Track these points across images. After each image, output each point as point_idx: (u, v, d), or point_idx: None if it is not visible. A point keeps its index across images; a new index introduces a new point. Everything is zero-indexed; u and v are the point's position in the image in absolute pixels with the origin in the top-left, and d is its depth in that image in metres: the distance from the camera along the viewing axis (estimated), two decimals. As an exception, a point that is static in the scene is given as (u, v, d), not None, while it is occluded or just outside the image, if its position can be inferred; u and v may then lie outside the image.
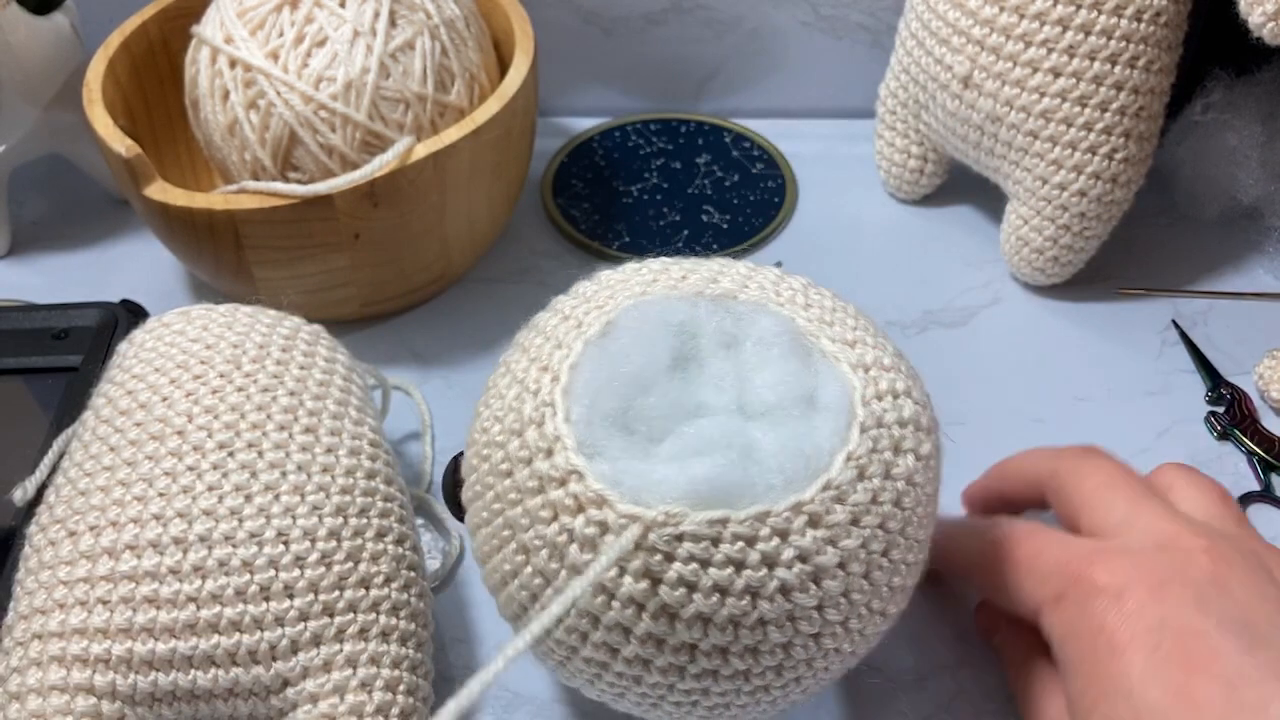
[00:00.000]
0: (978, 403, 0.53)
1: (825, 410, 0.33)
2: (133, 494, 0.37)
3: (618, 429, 0.33)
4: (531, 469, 0.33)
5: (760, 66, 0.70)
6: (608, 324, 0.35)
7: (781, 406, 0.33)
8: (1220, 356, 0.55)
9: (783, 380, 0.33)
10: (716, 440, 0.32)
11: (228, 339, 0.42)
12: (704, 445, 0.32)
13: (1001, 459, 0.45)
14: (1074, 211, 0.55)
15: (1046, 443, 0.44)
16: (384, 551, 0.39)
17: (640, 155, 0.68)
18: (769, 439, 0.32)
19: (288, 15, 0.52)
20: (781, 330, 0.34)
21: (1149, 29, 0.51)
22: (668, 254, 0.61)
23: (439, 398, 0.54)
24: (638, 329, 0.34)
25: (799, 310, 0.36)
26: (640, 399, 0.33)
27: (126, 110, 0.58)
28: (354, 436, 0.41)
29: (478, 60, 0.56)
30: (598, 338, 0.35)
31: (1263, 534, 0.48)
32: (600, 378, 0.33)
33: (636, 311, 0.35)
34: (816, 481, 0.31)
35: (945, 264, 0.61)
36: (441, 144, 0.51)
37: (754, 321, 0.35)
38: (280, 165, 0.52)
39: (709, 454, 0.31)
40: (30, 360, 0.50)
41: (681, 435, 0.32)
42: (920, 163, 0.63)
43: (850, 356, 0.35)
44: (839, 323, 0.36)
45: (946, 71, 0.56)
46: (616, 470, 0.32)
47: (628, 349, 0.34)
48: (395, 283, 0.56)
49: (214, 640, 0.35)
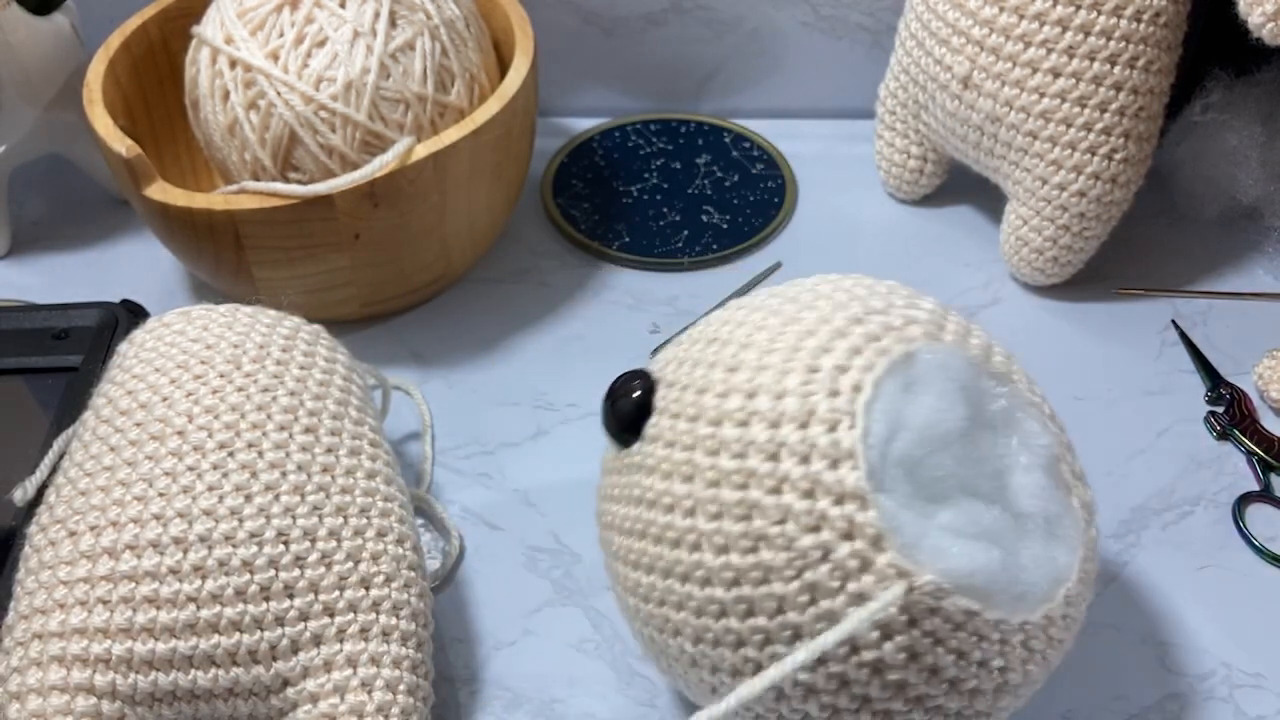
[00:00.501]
0: (977, 403, 0.53)
1: (1063, 542, 0.34)
2: (133, 494, 0.37)
3: (905, 475, 0.32)
4: (808, 469, 0.31)
5: (760, 66, 0.70)
6: (909, 354, 0.33)
7: (1033, 519, 0.34)
8: (1220, 356, 0.55)
9: (1041, 495, 0.34)
10: (992, 532, 0.32)
11: (228, 339, 0.42)
12: (982, 532, 0.32)
13: None
14: (1073, 212, 0.55)
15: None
16: (384, 551, 0.39)
17: (640, 155, 0.68)
18: (1026, 551, 0.33)
19: (288, 15, 0.52)
20: (1048, 444, 0.35)
21: (1148, 29, 0.51)
22: (668, 254, 0.61)
23: (439, 398, 0.54)
24: (943, 381, 0.33)
25: (1050, 424, 0.36)
26: (933, 457, 0.32)
27: (126, 110, 0.58)
28: (354, 436, 0.41)
29: (478, 60, 0.56)
30: (901, 365, 0.33)
31: (1263, 533, 0.48)
32: (903, 416, 0.32)
33: (941, 361, 0.33)
34: (1044, 607, 0.33)
35: (945, 264, 0.61)
36: (441, 144, 0.51)
37: (1024, 421, 0.35)
38: (280, 165, 0.52)
39: (985, 543, 0.32)
40: (30, 360, 0.50)
41: (964, 510, 0.32)
42: (920, 163, 0.63)
43: (1080, 493, 0.36)
44: (1071, 452, 0.37)
45: (946, 72, 0.56)
46: (897, 516, 0.31)
47: (938, 404, 0.33)
48: (395, 283, 0.56)
49: (214, 640, 0.35)
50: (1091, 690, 0.44)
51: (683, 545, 0.34)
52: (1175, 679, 0.44)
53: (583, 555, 0.48)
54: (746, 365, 0.34)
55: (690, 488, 0.33)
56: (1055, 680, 0.44)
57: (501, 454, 0.52)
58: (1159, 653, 0.45)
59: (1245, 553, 0.48)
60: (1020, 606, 0.32)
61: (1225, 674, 0.44)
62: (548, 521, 0.50)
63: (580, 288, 0.60)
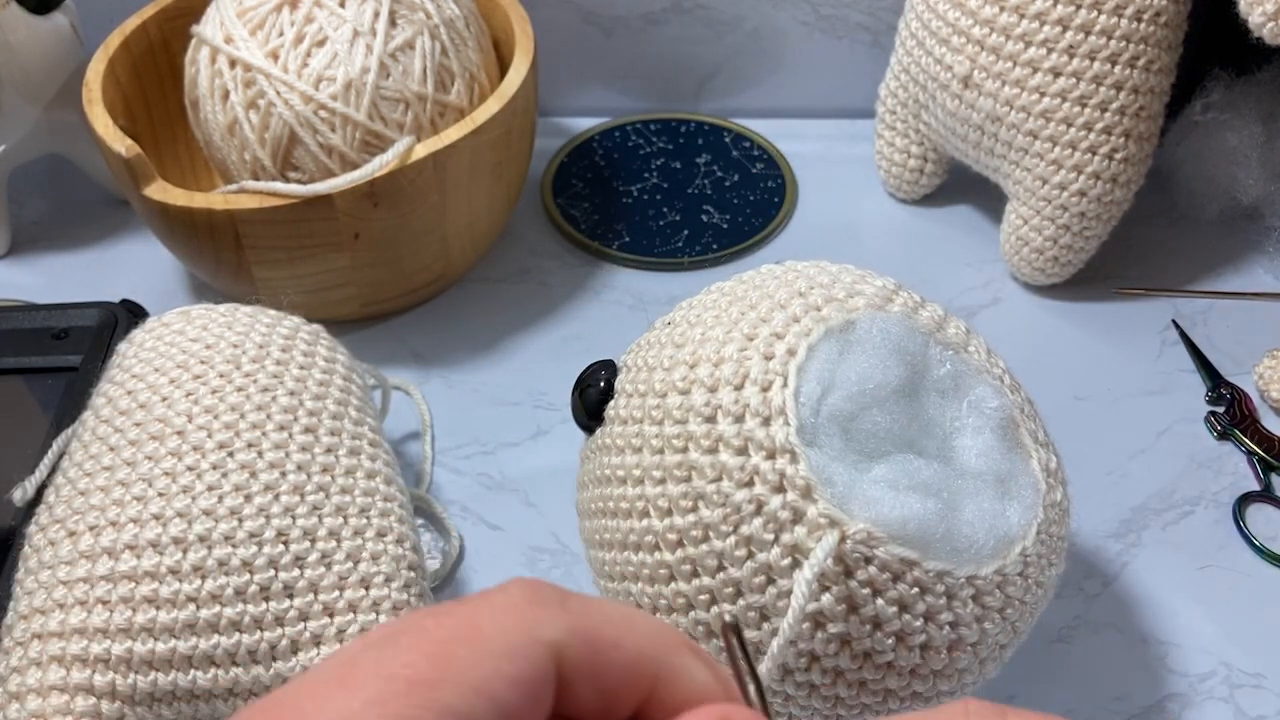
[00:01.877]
0: (978, 403, 0.53)
1: (1017, 501, 0.34)
2: (132, 494, 0.37)
3: (839, 432, 0.33)
4: (741, 427, 0.32)
5: (760, 66, 0.70)
6: (849, 322, 0.34)
7: (981, 477, 0.34)
8: (1220, 356, 0.55)
9: (989, 454, 0.34)
10: (930, 485, 0.33)
11: (228, 339, 0.42)
12: (918, 484, 0.32)
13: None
14: (1074, 211, 0.55)
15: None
16: (384, 552, 0.39)
17: (640, 155, 0.68)
18: (969, 506, 0.33)
19: (287, 15, 0.52)
20: (998, 407, 0.35)
21: (1149, 29, 0.51)
22: (668, 254, 0.61)
23: (439, 398, 0.54)
24: (880, 343, 0.34)
25: (1007, 391, 0.37)
26: (866, 414, 0.33)
27: (126, 110, 0.58)
28: (354, 436, 0.41)
29: (478, 60, 0.56)
30: (838, 331, 0.34)
31: (1263, 533, 0.48)
32: (836, 376, 0.33)
33: (880, 325, 0.35)
34: (993, 563, 0.33)
35: (945, 264, 0.61)
36: (441, 144, 0.51)
37: (975, 386, 0.35)
38: (280, 165, 0.52)
39: (921, 495, 0.32)
40: (30, 360, 0.50)
41: (899, 464, 0.33)
42: (920, 162, 0.63)
43: (1041, 458, 0.36)
44: (1035, 419, 0.38)
45: (946, 71, 0.56)
46: (828, 469, 0.32)
47: (870, 362, 0.34)
48: (395, 283, 0.56)
49: (214, 640, 0.35)
50: (1092, 690, 0.44)
51: (634, 514, 0.35)
52: (1175, 679, 0.44)
53: (583, 555, 0.48)
54: (691, 340, 0.35)
55: (639, 457, 0.35)
56: (1055, 680, 0.44)
57: (501, 454, 0.52)
58: (1159, 653, 0.45)
59: (1245, 553, 0.48)
60: (962, 559, 0.32)
61: (1225, 674, 0.44)
62: (547, 521, 0.50)
63: (580, 288, 0.60)
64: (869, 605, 0.31)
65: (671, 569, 0.34)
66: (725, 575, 0.32)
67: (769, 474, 0.32)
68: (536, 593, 0.19)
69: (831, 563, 0.31)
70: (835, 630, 0.32)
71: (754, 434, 0.32)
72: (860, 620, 0.31)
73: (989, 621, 0.33)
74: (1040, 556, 0.35)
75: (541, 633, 0.18)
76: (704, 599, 0.33)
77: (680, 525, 0.33)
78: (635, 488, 0.34)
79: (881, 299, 0.36)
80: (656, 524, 0.34)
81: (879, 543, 0.31)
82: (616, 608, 0.20)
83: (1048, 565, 0.35)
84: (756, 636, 0.32)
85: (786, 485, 0.31)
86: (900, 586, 0.31)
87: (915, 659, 0.32)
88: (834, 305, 0.35)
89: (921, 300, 0.38)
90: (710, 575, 0.33)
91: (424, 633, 0.18)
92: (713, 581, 0.33)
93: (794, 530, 0.31)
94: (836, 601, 0.31)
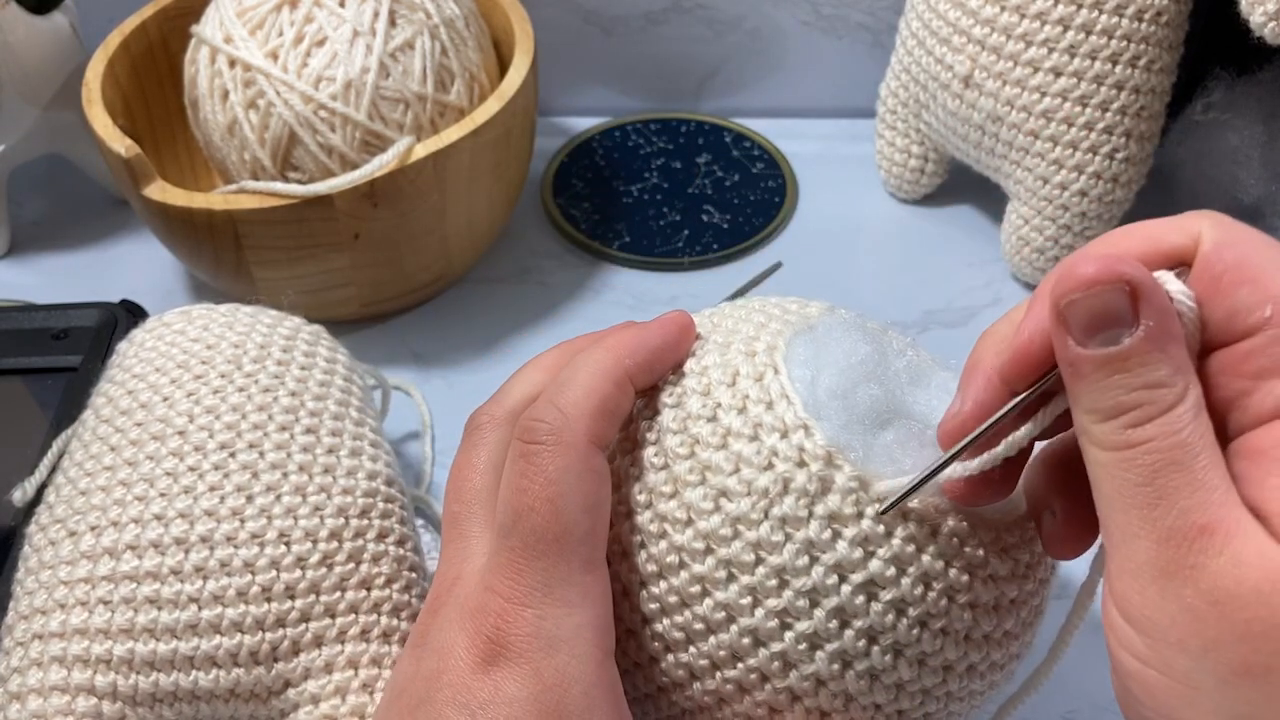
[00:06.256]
0: (978, 403, 0.52)
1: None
2: (134, 494, 0.37)
3: (841, 405, 0.33)
4: (747, 416, 0.32)
5: (760, 66, 0.70)
6: (810, 325, 0.35)
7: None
8: (1221, 356, 0.55)
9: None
10: (936, 445, 0.32)
11: (229, 339, 0.42)
12: (929, 443, 0.32)
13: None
14: (1075, 211, 0.55)
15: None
16: (385, 553, 0.39)
17: (640, 155, 0.68)
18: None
19: (287, 15, 0.52)
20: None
21: (1150, 29, 0.51)
22: (668, 254, 0.61)
23: (439, 398, 0.54)
24: (847, 329, 0.34)
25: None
26: (861, 387, 0.33)
27: (126, 110, 0.58)
28: (355, 437, 0.41)
29: (478, 60, 0.56)
30: (806, 331, 0.34)
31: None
32: (820, 360, 0.33)
33: (839, 318, 0.35)
34: (1012, 517, 0.33)
35: (945, 264, 0.61)
36: (441, 144, 0.51)
37: (935, 372, 0.35)
38: (280, 165, 0.52)
39: (936, 455, 0.32)
40: (30, 360, 0.50)
41: (905, 428, 0.32)
42: (920, 162, 0.63)
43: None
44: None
45: (947, 71, 0.56)
46: (841, 438, 0.32)
47: (847, 343, 0.34)
48: (395, 283, 0.56)
49: (215, 641, 0.35)
50: (1092, 690, 0.43)
51: (649, 541, 0.33)
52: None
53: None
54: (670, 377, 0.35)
55: (640, 484, 0.34)
56: (1056, 680, 0.44)
57: (502, 454, 0.52)
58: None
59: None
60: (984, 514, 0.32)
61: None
62: (548, 522, 0.49)
63: (580, 288, 0.60)
64: (914, 563, 0.31)
65: (704, 581, 0.32)
66: (766, 566, 0.31)
67: (788, 451, 0.31)
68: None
69: (870, 524, 0.31)
70: (889, 597, 0.31)
71: (762, 418, 0.32)
72: (912, 580, 0.31)
73: (1030, 583, 0.33)
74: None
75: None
76: (746, 602, 0.32)
77: (705, 529, 0.32)
78: (645, 512, 0.33)
79: (829, 311, 0.37)
80: (678, 538, 0.32)
81: (912, 495, 0.31)
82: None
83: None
84: (792, 637, 0.31)
85: (808, 459, 0.31)
86: (939, 540, 0.31)
87: (969, 621, 0.32)
88: (793, 314, 0.36)
89: (863, 316, 0.38)
90: (749, 572, 0.31)
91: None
92: (753, 578, 0.31)
93: (826, 500, 0.31)
94: (885, 564, 0.31)
